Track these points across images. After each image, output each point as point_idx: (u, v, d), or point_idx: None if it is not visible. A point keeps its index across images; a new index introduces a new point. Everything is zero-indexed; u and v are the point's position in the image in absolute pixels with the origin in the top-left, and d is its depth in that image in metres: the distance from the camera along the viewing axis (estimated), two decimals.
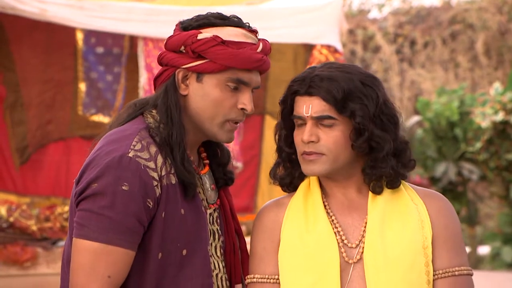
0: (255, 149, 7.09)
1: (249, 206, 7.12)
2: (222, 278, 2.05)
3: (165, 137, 1.96)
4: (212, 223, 2.06)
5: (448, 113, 13.20)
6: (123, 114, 2.05)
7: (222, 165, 2.12)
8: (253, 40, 2.02)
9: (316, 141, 1.99)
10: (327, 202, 2.05)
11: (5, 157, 6.49)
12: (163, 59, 2.03)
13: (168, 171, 1.95)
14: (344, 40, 14.25)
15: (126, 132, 1.97)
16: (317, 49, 6.14)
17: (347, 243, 2.00)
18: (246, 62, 1.98)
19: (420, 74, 16.22)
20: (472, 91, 15.08)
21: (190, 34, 1.99)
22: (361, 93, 1.97)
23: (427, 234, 1.99)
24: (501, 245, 12.89)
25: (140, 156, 1.92)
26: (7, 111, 6.52)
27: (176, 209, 1.95)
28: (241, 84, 2.01)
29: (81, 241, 1.89)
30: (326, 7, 6.19)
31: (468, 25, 16.15)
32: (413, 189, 2.06)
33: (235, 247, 2.10)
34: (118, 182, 1.89)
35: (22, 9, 5.68)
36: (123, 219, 1.88)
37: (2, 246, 5.79)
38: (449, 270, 1.99)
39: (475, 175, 13.09)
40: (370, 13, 17.73)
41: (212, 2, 6.11)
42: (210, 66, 1.98)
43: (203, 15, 2.04)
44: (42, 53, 6.55)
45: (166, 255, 1.94)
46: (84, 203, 1.91)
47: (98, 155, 1.93)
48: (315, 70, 2.01)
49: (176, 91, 2.00)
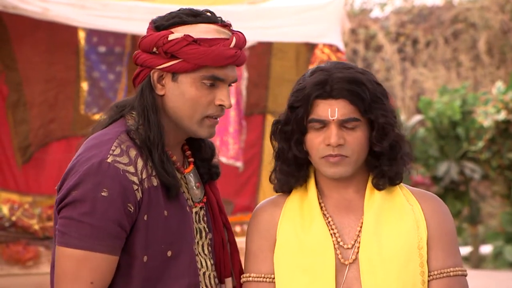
0: (257, 148, 7.09)
1: (251, 205, 7.12)
2: (210, 276, 2.05)
3: (144, 139, 1.95)
4: (199, 221, 2.06)
5: (450, 112, 13.20)
6: (105, 117, 2.05)
7: (206, 160, 2.11)
8: (226, 35, 2.00)
9: (343, 143, 1.99)
10: (323, 202, 2.06)
11: (8, 156, 6.50)
12: (138, 60, 2.02)
13: (150, 173, 1.94)
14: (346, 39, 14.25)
15: (105, 137, 1.97)
16: (319, 48, 6.14)
17: (343, 244, 2.01)
18: (219, 59, 1.97)
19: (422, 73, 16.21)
20: (474, 90, 15.07)
21: (161, 35, 1.97)
22: (381, 93, 2.00)
23: (422, 234, 1.99)
24: (504, 244, 12.88)
25: (119, 161, 1.92)
26: (10, 110, 6.53)
27: (159, 211, 1.95)
28: (217, 80, 1.99)
29: (63, 248, 1.90)
30: (328, 6, 6.19)
31: (470, 24, 16.14)
32: (408, 190, 2.07)
33: (223, 241, 2.09)
34: (97, 188, 1.89)
35: (24, 8, 5.68)
36: (104, 225, 1.89)
37: (4, 245, 5.79)
38: (444, 270, 2.00)
39: (477, 174, 13.08)
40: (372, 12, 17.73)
41: (213, 1, 6.12)
42: (183, 66, 1.96)
43: (175, 13, 2.01)
44: (44, 52, 6.56)
45: (151, 257, 1.94)
46: (65, 211, 1.91)
47: (78, 161, 1.94)
48: (332, 72, 2.00)
49: (152, 92, 1.99)
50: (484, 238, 14.34)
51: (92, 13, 5.87)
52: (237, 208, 7.01)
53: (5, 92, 6.53)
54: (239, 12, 6.04)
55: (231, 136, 6.38)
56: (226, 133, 6.41)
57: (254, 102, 6.90)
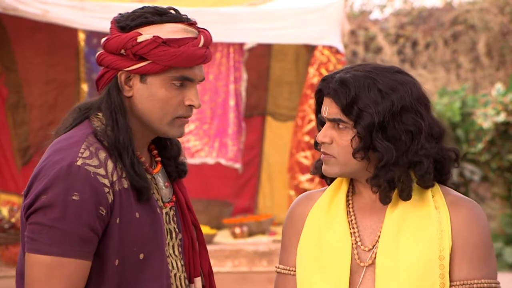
0: (256, 149, 7.09)
1: (250, 206, 7.12)
2: (181, 277, 2.02)
3: (113, 142, 1.92)
4: (169, 222, 2.03)
5: (449, 114, 13.20)
6: (68, 119, 2.01)
7: (173, 158, 2.08)
8: (193, 34, 1.97)
9: (329, 142, 1.97)
10: (352, 200, 2.02)
11: (7, 157, 6.50)
12: (103, 61, 1.98)
13: (120, 175, 1.91)
14: (346, 41, 14.23)
15: (72, 139, 1.93)
16: (318, 50, 6.14)
17: (361, 245, 1.97)
18: (189, 60, 1.94)
19: (421, 75, 16.21)
20: (474, 92, 15.07)
21: (129, 36, 1.93)
22: (371, 100, 1.92)
23: (445, 245, 1.92)
24: (503, 246, 12.88)
25: (89, 164, 1.88)
26: (9, 112, 6.53)
27: (131, 213, 1.92)
28: (186, 81, 1.96)
29: (34, 255, 1.86)
30: (328, 8, 6.19)
31: (469, 26, 16.14)
32: (442, 195, 1.99)
33: (193, 241, 2.06)
34: (68, 192, 1.85)
35: (24, 10, 5.68)
36: (76, 230, 1.85)
37: (4, 247, 5.79)
38: (466, 282, 1.92)
39: (477, 176, 13.08)
40: (372, 14, 17.72)
41: (213, 2, 6.11)
42: (153, 68, 1.93)
43: (139, 12, 1.97)
44: (44, 54, 6.56)
45: (124, 260, 1.91)
46: (34, 216, 1.87)
47: (46, 165, 1.90)
48: (341, 71, 1.99)
49: (120, 93, 1.96)
50: None
51: (92, 15, 5.87)
52: (236, 210, 7.00)
53: (4, 94, 6.53)
54: (239, 14, 6.04)
55: (230, 137, 6.38)
56: (225, 134, 6.41)
57: (253, 103, 6.90)
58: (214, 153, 6.40)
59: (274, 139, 7.07)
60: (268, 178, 7.12)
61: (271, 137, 7.10)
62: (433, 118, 2.00)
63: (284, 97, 6.88)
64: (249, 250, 5.96)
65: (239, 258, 5.94)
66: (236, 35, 6.06)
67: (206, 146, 6.43)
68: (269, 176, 7.11)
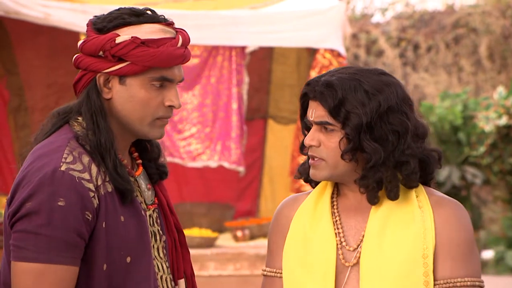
0: (258, 152, 7.09)
1: (252, 209, 7.12)
2: (167, 279, 2.02)
3: (95, 145, 1.90)
4: (153, 224, 2.02)
5: (451, 117, 13.19)
6: (47, 124, 1.99)
7: (153, 159, 2.07)
8: (171, 34, 1.96)
9: (317, 145, 1.98)
10: (337, 201, 2.03)
11: (8, 160, 6.50)
12: (80, 64, 1.96)
13: (104, 179, 1.90)
14: (348, 44, 14.24)
15: (54, 145, 1.91)
16: (320, 53, 6.14)
17: (346, 245, 1.98)
18: (168, 60, 1.92)
19: (423, 78, 16.21)
20: (476, 95, 15.07)
21: (107, 38, 1.91)
22: (358, 101, 1.93)
23: (428, 243, 1.93)
24: (505, 249, 12.86)
25: (73, 169, 1.86)
26: (11, 115, 6.53)
27: (116, 217, 1.90)
28: (165, 81, 1.95)
29: (20, 264, 1.82)
30: (329, 11, 6.19)
31: (471, 29, 16.14)
32: (426, 195, 2.00)
33: (176, 243, 2.06)
34: (53, 198, 1.83)
35: (26, 13, 5.69)
36: (63, 236, 1.82)
37: None
38: (450, 280, 1.93)
39: (479, 179, 13.07)
40: (373, 17, 17.73)
41: (214, 6, 6.12)
42: (132, 69, 1.92)
43: (116, 14, 1.96)
44: (45, 57, 6.56)
45: (111, 265, 1.89)
46: (19, 224, 1.84)
47: (29, 171, 1.88)
48: (326, 74, 1.99)
49: (99, 96, 1.95)
50: (485, 243, 14.33)
51: None
52: (238, 213, 7.00)
53: (6, 97, 6.54)
54: (240, 17, 6.05)
55: (233, 141, 6.38)
56: (228, 138, 6.41)
57: (255, 107, 6.90)
58: (217, 156, 6.40)
59: (275, 142, 7.07)
60: (270, 181, 7.12)
61: (273, 140, 7.10)
62: (417, 118, 2.01)
63: (286, 100, 6.88)
64: (250, 253, 5.95)
65: (240, 261, 5.94)
66: (238, 38, 6.07)
67: (208, 149, 6.43)
68: (271, 179, 7.11)
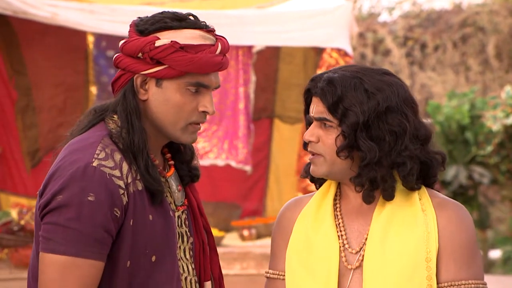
0: (264, 152, 7.10)
1: (258, 209, 7.13)
2: (192, 281, 2.03)
3: (128, 144, 1.93)
4: (181, 225, 2.03)
5: (458, 116, 13.18)
6: (83, 121, 2.01)
7: (186, 162, 2.08)
8: (211, 41, 1.98)
9: (316, 141, 1.98)
10: (340, 204, 2.03)
11: (16, 160, 6.53)
12: (120, 64, 1.99)
13: (134, 177, 1.92)
14: (354, 43, 14.24)
15: (88, 140, 1.93)
16: (327, 52, 6.15)
17: (348, 248, 1.98)
18: (205, 67, 1.95)
19: (430, 77, 16.19)
20: (483, 94, 15.04)
21: (147, 40, 1.94)
22: (357, 99, 1.93)
23: (431, 247, 1.93)
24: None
25: (104, 165, 1.88)
26: (19, 115, 6.56)
27: (144, 215, 1.92)
28: (201, 87, 1.97)
29: (49, 255, 1.85)
30: (336, 10, 6.20)
31: (479, 28, 16.11)
32: (429, 198, 1.99)
33: (204, 245, 2.07)
34: (83, 193, 1.85)
35: (34, 13, 5.71)
36: (91, 231, 1.85)
37: (13, 249, 5.81)
38: (454, 283, 1.93)
39: (486, 178, 13.05)
40: (380, 17, 17.71)
41: (221, 5, 6.13)
42: (169, 72, 1.94)
43: (159, 17, 1.99)
44: (53, 57, 6.59)
45: (135, 262, 1.91)
46: (50, 216, 1.87)
47: (62, 165, 1.90)
48: (330, 71, 2.00)
49: (135, 96, 1.97)
50: (493, 243, 14.30)
51: (101, 18, 5.89)
52: (244, 212, 7.01)
53: (14, 97, 6.56)
54: (247, 16, 6.05)
55: (241, 140, 6.39)
56: (236, 137, 6.42)
57: (261, 106, 6.91)
58: (224, 155, 6.41)
59: (282, 142, 7.08)
60: (276, 181, 7.13)
61: (279, 139, 7.11)
62: (420, 121, 2.02)
63: (292, 99, 6.89)
64: (257, 253, 5.96)
65: (247, 260, 5.95)
66: (245, 38, 6.08)
67: (215, 147, 6.44)
68: (277, 179, 7.12)
